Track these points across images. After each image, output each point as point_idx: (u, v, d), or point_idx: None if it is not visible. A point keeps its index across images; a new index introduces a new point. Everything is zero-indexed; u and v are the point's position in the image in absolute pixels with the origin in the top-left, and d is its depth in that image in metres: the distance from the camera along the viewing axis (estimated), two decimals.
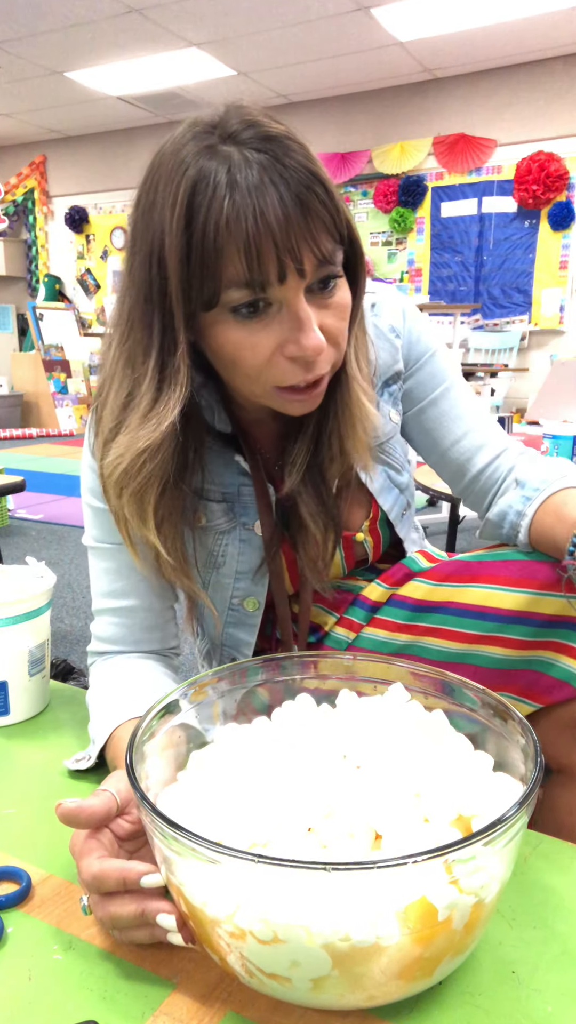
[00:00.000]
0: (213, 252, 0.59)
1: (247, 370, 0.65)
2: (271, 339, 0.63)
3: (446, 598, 0.83)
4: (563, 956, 0.51)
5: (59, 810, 0.51)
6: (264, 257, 0.58)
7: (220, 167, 0.58)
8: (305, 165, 0.59)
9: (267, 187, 0.57)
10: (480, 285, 6.28)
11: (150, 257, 0.62)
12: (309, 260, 0.60)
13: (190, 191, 0.59)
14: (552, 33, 5.18)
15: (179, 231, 0.59)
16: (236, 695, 0.63)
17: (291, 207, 0.58)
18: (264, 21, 4.99)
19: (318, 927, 0.40)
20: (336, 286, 0.65)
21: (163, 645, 0.84)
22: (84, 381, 7.85)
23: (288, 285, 0.60)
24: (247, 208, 0.57)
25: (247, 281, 0.60)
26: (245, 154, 0.58)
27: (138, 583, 0.81)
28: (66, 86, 6.28)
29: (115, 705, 0.72)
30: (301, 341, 0.62)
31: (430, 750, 0.53)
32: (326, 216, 0.60)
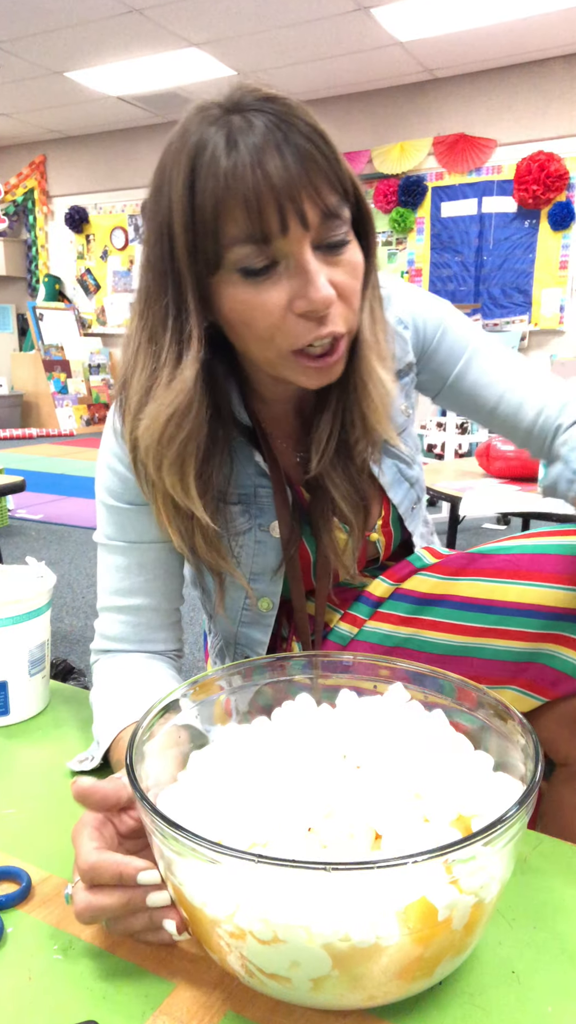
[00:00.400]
0: (214, 210, 0.60)
1: (260, 332, 0.65)
2: (280, 296, 0.63)
3: (448, 591, 0.82)
4: (563, 956, 0.51)
5: (74, 787, 0.52)
6: (264, 207, 0.59)
7: (220, 130, 0.60)
8: (305, 119, 0.60)
9: (267, 142, 0.58)
10: (480, 285, 6.28)
11: (160, 233, 0.63)
12: (312, 210, 0.60)
13: (192, 156, 0.60)
14: (552, 33, 5.17)
15: (182, 197, 0.60)
16: (236, 695, 0.63)
17: (290, 158, 0.58)
18: (264, 21, 4.98)
19: (318, 927, 0.40)
20: (346, 243, 0.64)
21: (167, 647, 0.84)
22: (84, 381, 7.85)
23: (292, 237, 0.60)
24: (245, 162, 0.58)
25: (250, 235, 0.60)
26: (248, 117, 0.59)
27: (148, 582, 0.81)
28: (66, 86, 6.28)
29: (120, 707, 0.72)
30: (309, 294, 0.62)
31: (430, 750, 0.53)
32: (327, 168, 0.60)
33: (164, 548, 0.81)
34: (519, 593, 0.77)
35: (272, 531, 0.82)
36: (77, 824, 0.53)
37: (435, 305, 0.87)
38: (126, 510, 0.80)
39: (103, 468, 0.81)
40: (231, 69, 5.82)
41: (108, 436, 0.80)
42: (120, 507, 0.80)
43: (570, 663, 0.75)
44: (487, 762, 0.54)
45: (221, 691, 0.62)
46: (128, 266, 7.93)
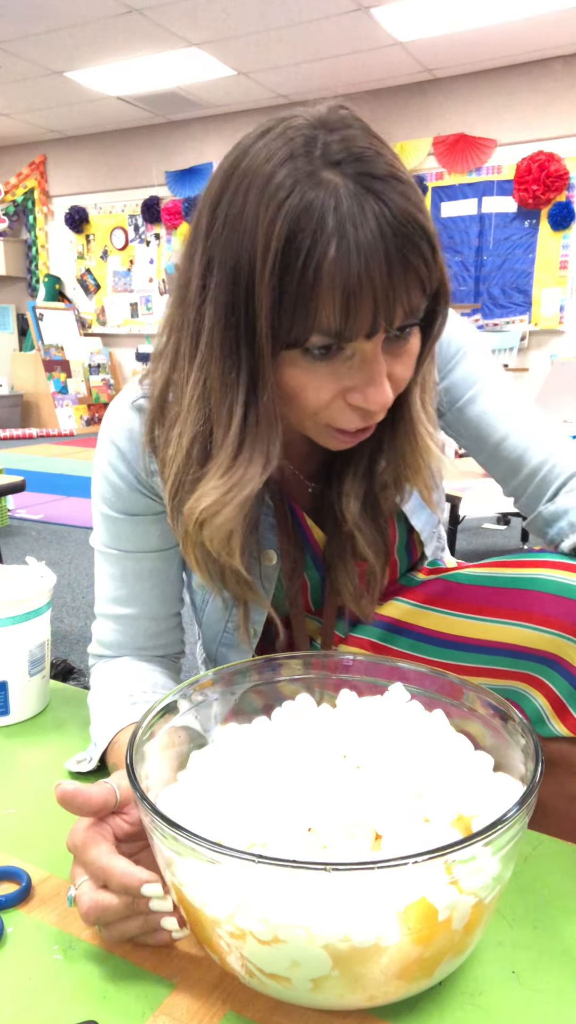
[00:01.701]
0: (309, 298, 0.54)
1: (304, 407, 0.62)
2: (338, 384, 0.60)
3: (416, 621, 0.82)
4: (563, 956, 0.51)
5: (57, 790, 0.52)
6: (361, 313, 0.55)
7: (326, 204, 0.53)
8: (414, 216, 0.54)
9: (375, 240, 0.53)
10: (480, 285, 6.28)
11: (235, 283, 0.57)
12: (400, 314, 0.57)
13: (291, 225, 0.53)
14: (552, 33, 5.17)
15: (273, 268, 0.54)
16: (236, 695, 0.63)
17: (395, 261, 0.54)
18: (264, 21, 4.98)
19: (318, 927, 0.40)
20: (411, 333, 0.61)
21: (166, 651, 0.84)
22: (84, 381, 7.85)
23: (372, 339, 0.57)
24: (352, 259, 0.53)
25: (336, 332, 0.56)
26: (351, 190, 0.53)
27: (143, 592, 0.80)
28: (66, 86, 6.28)
29: (117, 709, 0.71)
30: (369, 395, 0.59)
31: (430, 750, 0.53)
32: (424, 273, 0.56)
33: (160, 557, 0.80)
34: (486, 630, 0.76)
35: (264, 559, 0.79)
36: (73, 830, 0.53)
37: (462, 328, 0.84)
38: (121, 520, 0.78)
39: (99, 476, 0.78)
40: (231, 69, 5.82)
41: (104, 445, 0.77)
42: (115, 517, 0.78)
43: (535, 707, 0.75)
44: (487, 762, 0.54)
45: (220, 691, 0.62)
46: (128, 266, 7.93)
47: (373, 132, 0.57)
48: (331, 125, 0.56)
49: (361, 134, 0.56)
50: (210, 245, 0.59)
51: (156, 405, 0.70)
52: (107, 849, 0.51)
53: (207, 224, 0.59)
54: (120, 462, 0.76)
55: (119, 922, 0.50)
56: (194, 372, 0.62)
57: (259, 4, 4.72)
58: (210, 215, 0.59)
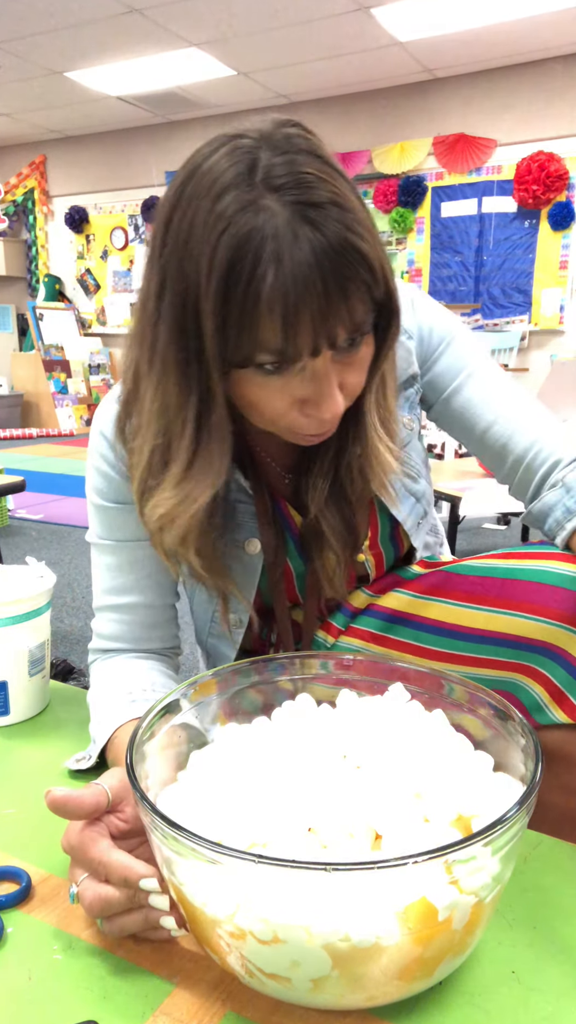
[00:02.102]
0: (250, 322, 0.57)
1: (261, 416, 0.65)
2: (291, 396, 0.62)
3: (417, 611, 0.83)
4: (563, 956, 0.51)
5: (48, 797, 0.52)
6: (301, 336, 0.57)
7: (264, 231, 0.55)
8: (350, 241, 0.56)
9: (311, 267, 0.55)
10: (480, 285, 6.28)
11: (184, 305, 0.59)
12: (343, 333, 0.59)
13: (230, 255, 0.55)
14: (552, 33, 5.17)
15: (216, 295, 0.57)
16: (236, 695, 0.63)
17: (332, 288, 0.56)
18: (264, 21, 4.98)
19: (318, 927, 0.40)
20: (362, 342, 0.63)
21: (164, 644, 0.84)
22: (84, 381, 7.85)
23: (319, 357, 0.60)
24: (288, 287, 0.55)
25: (279, 352, 0.58)
26: (288, 218, 0.55)
27: (139, 580, 0.81)
28: (66, 86, 6.28)
29: (116, 706, 0.72)
30: (321, 407, 0.62)
31: (430, 750, 0.53)
32: (364, 293, 0.59)
33: None
34: (486, 620, 0.77)
35: (247, 548, 0.81)
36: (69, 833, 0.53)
37: (445, 319, 0.85)
38: (114, 509, 0.80)
39: (90, 468, 0.81)
40: (231, 69, 5.82)
41: (95, 438, 0.80)
42: (108, 506, 0.80)
43: (533, 697, 0.75)
44: (487, 762, 0.54)
45: (220, 691, 0.62)
46: (128, 266, 7.93)
47: (320, 153, 0.58)
48: (276, 145, 0.57)
49: (305, 156, 0.57)
50: (163, 265, 0.61)
51: (122, 413, 0.73)
52: (107, 844, 0.51)
53: (160, 243, 0.61)
54: (110, 452, 0.78)
55: (121, 916, 0.51)
56: (151, 387, 0.65)
57: (259, 4, 4.72)
58: (163, 234, 0.61)
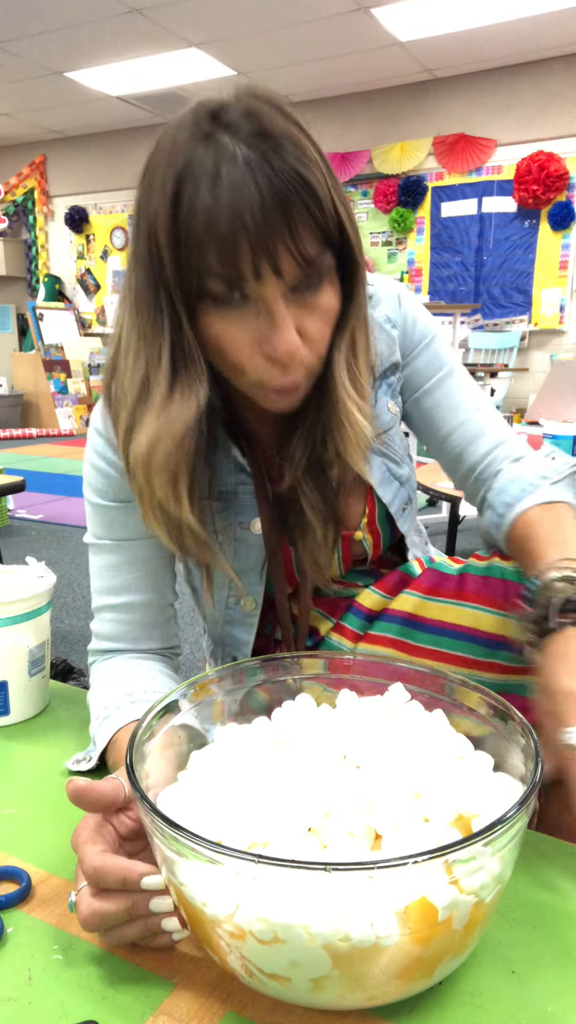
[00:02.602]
0: (195, 244, 0.59)
1: (230, 362, 0.66)
2: (249, 334, 0.64)
3: (431, 615, 0.83)
4: (563, 956, 0.51)
5: (69, 786, 0.51)
6: (239, 254, 0.59)
7: (207, 158, 0.58)
8: (294, 167, 0.58)
9: (248, 185, 0.57)
10: (480, 285, 6.28)
11: (148, 237, 0.63)
12: (287, 261, 0.60)
13: (177, 179, 0.59)
14: (552, 33, 5.18)
15: (167, 218, 0.60)
16: (236, 695, 0.63)
17: (270, 207, 0.57)
18: (264, 21, 4.98)
19: (318, 927, 0.40)
20: (321, 288, 0.64)
21: (163, 644, 0.84)
22: (84, 381, 7.85)
23: (265, 283, 0.61)
24: (225, 204, 0.57)
25: (223, 275, 0.60)
26: (236, 148, 0.58)
27: (138, 579, 0.81)
28: (66, 86, 6.28)
29: (116, 707, 0.71)
30: (273, 341, 0.63)
31: (430, 750, 0.53)
32: (309, 219, 0.59)
33: (153, 543, 0.81)
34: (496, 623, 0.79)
35: (252, 528, 0.82)
36: (77, 830, 0.53)
37: (427, 318, 0.87)
38: (112, 508, 0.80)
39: (88, 466, 0.81)
40: (231, 69, 5.82)
41: (92, 434, 0.80)
42: (106, 505, 0.80)
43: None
44: (487, 762, 0.54)
45: (220, 691, 0.62)
46: None
47: (280, 104, 0.61)
48: (239, 97, 0.61)
49: (264, 105, 0.60)
50: (136, 211, 0.65)
51: (109, 370, 0.73)
52: (100, 849, 0.50)
53: (138, 195, 0.65)
54: (107, 448, 0.78)
55: (119, 927, 0.50)
56: (129, 326, 0.68)
57: (259, 4, 4.73)
58: (139, 186, 0.65)
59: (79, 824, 0.53)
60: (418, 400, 0.87)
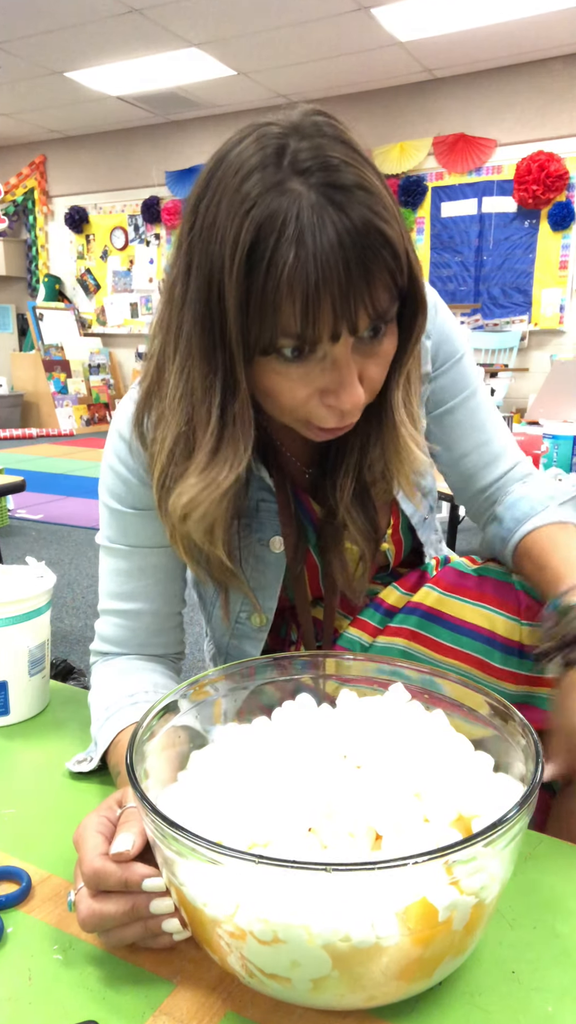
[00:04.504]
0: (271, 304, 0.56)
1: (280, 406, 0.64)
2: (311, 385, 0.62)
3: (451, 611, 0.83)
4: (563, 956, 0.51)
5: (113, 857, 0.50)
6: (320, 318, 0.56)
7: (288, 211, 0.55)
8: (373, 223, 0.55)
9: (331, 243, 0.54)
10: (480, 285, 6.28)
11: (209, 287, 0.59)
12: (364, 319, 0.58)
13: (253, 234, 0.55)
14: (552, 33, 5.17)
15: (239, 274, 0.56)
16: (236, 695, 0.63)
17: (353, 267, 0.55)
18: (264, 21, 4.98)
19: (318, 927, 0.40)
20: (385, 333, 0.62)
21: (167, 650, 0.84)
22: (84, 381, 7.85)
23: (339, 343, 0.59)
24: (310, 266, 0.54)
25: (299, 336, 0.58)
26: (312, 199, 0.55)
27: (148, 587, 0.81)
28: (66, 86, 6.28)
29: (118, 708, 0.71)
30: (341, 396, 0.61)
31: (430, 750, 0.53)
32: (387, 277, 0.58)
33: (166, 553, 0.81)
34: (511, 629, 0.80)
35: (272, 546, 0.81)
36: (79, 828, 0.53)
37: (460, 333, 0.86)
38: (129, 514, 0.79)
39: (107, 470, 0.80)
40: (231, 69, 5.82)
41: (114, 439, 0.79)
42: (123, 511, 0.79)
43: None
44: (487, 762, 0.54)
45: (221, 691, 0.62)
46: (128, 266, 7.93)
47: (347, 139, 0.58)
48: (304, 132, 0.57)
49: (332, 142, 0.57)
50: (189, 250, 0.61)
51: (143, 403, 0.72)
52: (101, 851, 0.50)
53: (188, 229, 0.62)
54: (129, 456, 0.77)
55: (118, 928, 0.50)
56: (176, 373, 0.65)
57: (259, 4, 4.73)
58: (190, 221, 0.61)
59: (81, 823, 0.53)
60: (440, 417, 0.86)
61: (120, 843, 0.49)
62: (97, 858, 0.50)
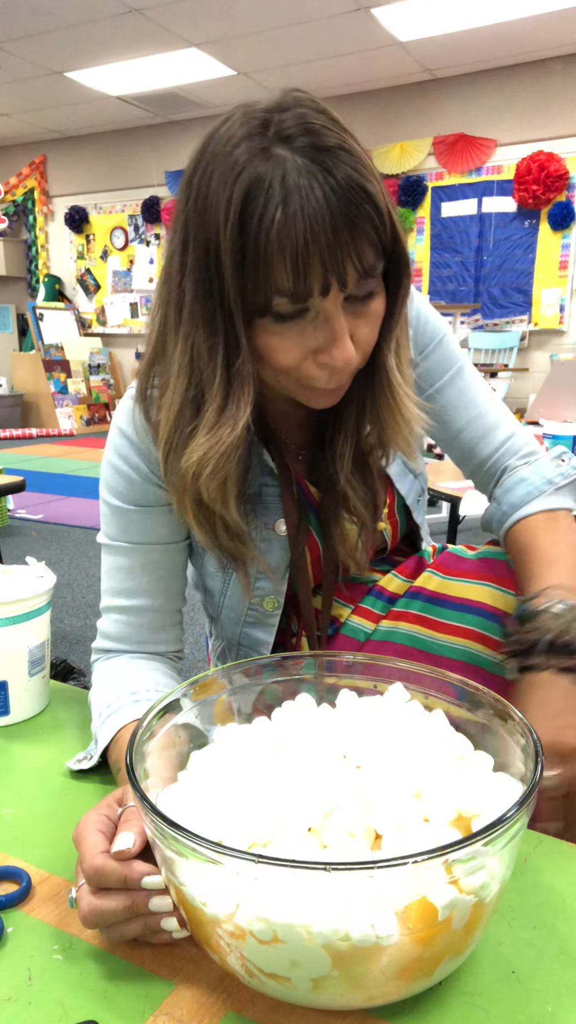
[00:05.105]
0: (264, 262, 0.59)
1: (276, 367, 0.66)
2: (304, 345, 0.64)
3: (460, 594, 0.85)
4: (563, 956, 0.51)
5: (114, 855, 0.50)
6: (310, 272, 0.59)
7: (274, 174, 0.58)
8: (356, 181, 0.58)
9: (317, 201, 0.57)
10: (480, 285, 6.28)
11: (207, 254, 0.62)
12: (352, 274, 0.61)
13: (243, 197, 0.59)
14: (552, 33, 5.17)
15: (232, 236, 0.59)
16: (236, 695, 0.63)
17: (339, 223, 0.58)
18: (264, 21, 4.98)
19: (318, 927, 0.40)
20: (373, 294, 0.65)
21: (168, 648, 0.84)
22: (84, 381, 7.85)
23: (329, 297, 0.61)
24: (298, 222, 0.57)
25: (291, 292, 0.60)
26: (298, 162, 0.58)
27: (150, 583, 0.81)
28: (66, 86, 6.28)
29: (119, 706, 0.72)
30: (333, 353, 0.64)
31: (430, 750, 0.53)
32: (372, 233, 0.60)
33: (168, 549, 0.81)
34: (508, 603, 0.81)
35: (277, 529, 0.83)
36: (79, 826, 0.53)
37: (437, 317, 0.89)
38: (131, 511, 0.80)
39: (108, 468, 0.80)
40: (231, 69, 5.82)
41: (116, 435, 0.80)
42: (124, 508, 0.80)
43: None
44: (487, 762, 0.54)
45: (221, 691, 0.62)
46: (128, 266, 7.93)
47: (324, 109, 0.61)
48: (285, 105, 0.61)
49: (312, 112, 0.60)
50: (185, 224, 0.64)
51: (146, 375, 0.74)
52: (101, 849, 0.50)
53: (182, 205, 0.65)
54: (132, 452, 0.78)
55: (119, 924, 0.50)
56: (180, 341, 0.67)
57: (259, 4, 4.73)
58: (184, 197, 0.64)
59: (81, 820, 0.53)
60: (430, 398, 0.88)
61: (121, 841, 0.50)
62: (98, 856, 0.50)
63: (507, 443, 0.89)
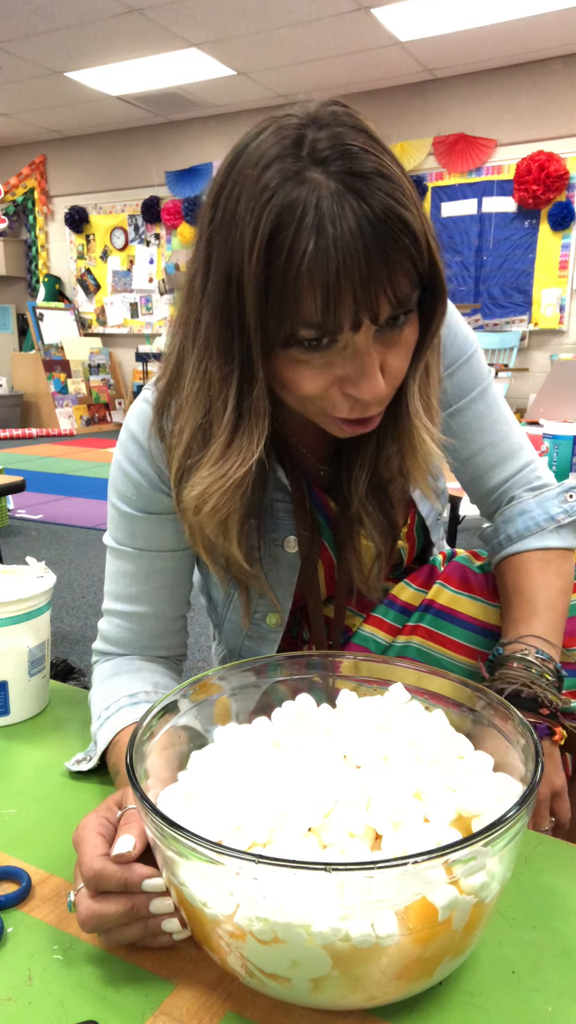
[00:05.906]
0: (292, 293, 0.56)
1: (300, 396, 0.63)
2: (332, 375, 0.61)
3: (463, 609, 0.85)
4: (563, 956, 0.51)
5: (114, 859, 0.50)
6: (341, 307, 0.56)
7: (307, 200, 0.54)
8: (394, 210, 0.55)
9: (352, 232, 0.54)
10: (480, 285, 6.28)
11: (228, 279, 0.59)
12: (385, 307, 0.57)
13: (273, 224, 0.55)
14: (552, 33, 5.17)
15: (258, 264, 0.56)
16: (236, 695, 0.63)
17: (374, 255, 0.54)
18: (264, 21, 4.98)
19: (318, 927, 0.40)
20: (406, 323, 0.61)
21: (170, 652, 0.84)
22: (84, 381, 7.85)
23: (360, 332, 0.58)
24: (330, 255, 0.54)
25: (319, 325, 0.57)
26: (332, 187, 0.54)
27: (154, 591, 0.80)
28: (66, 86, 6.28)
29: (118, 708, 0.71)
30: (362, 386, 0.60)
31: (430, 750, 0.53)
32: (408, 264, 0.57)
33: (174, 557, 0.80)
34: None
35: (286, 546, 0.81)
36: (78, 829, 0.53)
37: (468, 331, 0.85)
38: (138, 517, 0.79)
39: (117, 471, 0.79)
40: (231, 69, 5.82)
41: (127, 440, 0.78)
42: (132, 514, 0.79)
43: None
44: (487, 762, 0.54)
45: (221, 691, 0.62)
46: (128, 266, 7.92)
47: (364, 127, 0.57)
48: (321, 121, 0.57)
49: (350, 131, 0.56)
50: (209, 243, 0.61)
51: (162, 399, 0.72)
52: (101, 852, 0.50)
53: (207, 223, 0.61)
54: (142, 459, 0.76)
55: (118, 928, 0.50)
56: (194, 366, 0.64)
57: (259, 4, 4.72)
58: (209, 214, 0.61)
59: (80, 823, 0.53)
60: (450, 417, 0.85)
61: (121, 845, 0.49)
62: (97, 859, 0.50)
63: (518, 474, 0.86)
